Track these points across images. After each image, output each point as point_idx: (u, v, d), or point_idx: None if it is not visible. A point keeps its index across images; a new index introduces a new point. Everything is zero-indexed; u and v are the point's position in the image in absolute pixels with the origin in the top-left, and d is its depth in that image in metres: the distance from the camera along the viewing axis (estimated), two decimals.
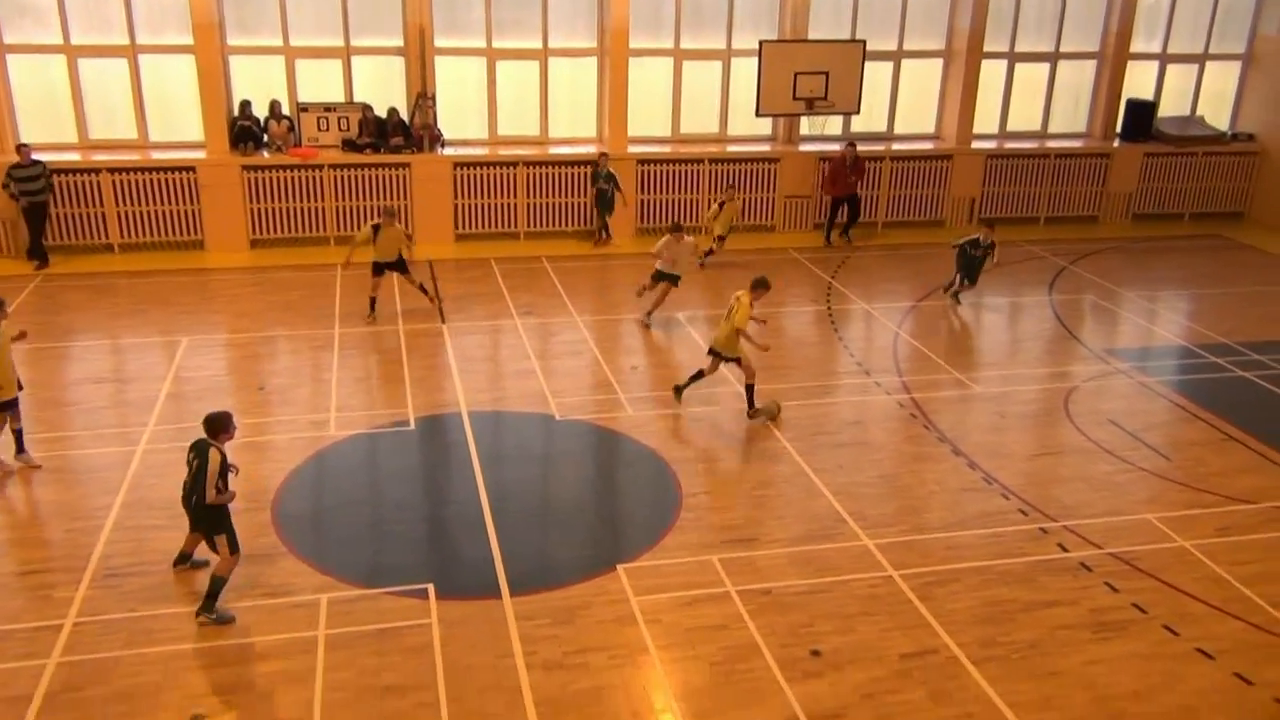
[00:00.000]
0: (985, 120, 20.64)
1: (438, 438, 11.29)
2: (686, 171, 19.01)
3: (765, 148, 19.79)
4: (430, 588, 8.49)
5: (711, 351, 11.89)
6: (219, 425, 7.99)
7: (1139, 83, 21.33)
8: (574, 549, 9.30)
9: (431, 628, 8.02)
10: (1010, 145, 20.71)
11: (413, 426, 11.43)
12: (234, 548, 8.10)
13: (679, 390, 12.03)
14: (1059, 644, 8.10)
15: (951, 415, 12.08)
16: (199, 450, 7.93)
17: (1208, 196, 21.40)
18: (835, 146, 19.81)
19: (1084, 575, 9.01)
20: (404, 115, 18.17)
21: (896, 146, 20.14)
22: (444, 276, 16.58)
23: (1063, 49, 20.87)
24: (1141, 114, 21.03)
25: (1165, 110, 21.54)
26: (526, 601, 8.38)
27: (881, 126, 20.61)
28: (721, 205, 17.35)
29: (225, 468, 7.90)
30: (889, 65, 20.19)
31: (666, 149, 19.30)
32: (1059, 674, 7.77)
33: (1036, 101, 21.18)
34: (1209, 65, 21.69)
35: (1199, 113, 21.81)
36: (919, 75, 20.47)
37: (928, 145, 20.45)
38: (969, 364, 13.75)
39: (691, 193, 19.11)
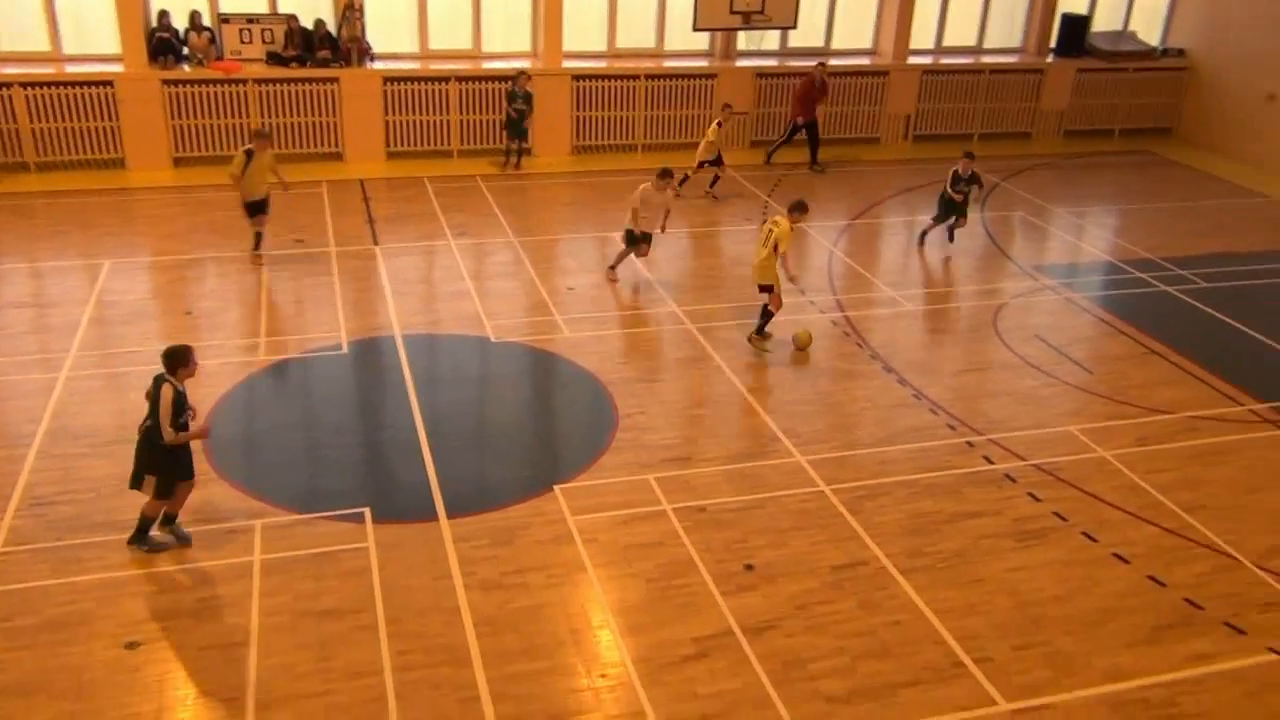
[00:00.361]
0: (922, 36, 20.54)
1: (371, 361, 11.18)
2: (622, 88, 18.69)
3: (703, 63, 19.52)
4: (367, 511, 8.49)
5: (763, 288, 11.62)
6: (177, 360, 7.58)
7: None
8: (511, 471, 9.34)
9: (369, 551, 8.04)
10: (946, 61, 20.68)
11: (345, 350, 11.29)
12: (161, 493, 7.76)
13: (757, 335, 11.72)
14: (983, 553, 8.37)
15: (883, 333, 12.24)
16: (154, 385, 7.58)
17: (1138, 113, 21.61)
18: (773, 62, 19.64)
19: (1008, 486, 9.28)
20: (331, 27, 17.58)
21: (833, 62, 19.97)
22: (376, 196, 16.25)
23: None
24: (1075, 29, 21.09)
25: (1099, 25, 21.60)
26: (464, 523, 8.43)
27: (819, 42, 20.42)
28: (719, 125, 16.49)
29: (181, 406, 7.56)
30: None
31: (603, 64, 18.94)
32: (982, 581, 8.04)
33: (973, 16, 21.10)
34: None
35: (1131, 27, 21.92)
36: None
37: (864, 61, 20.33)
38: (902, 281, 13.90)
39: (628, 109, 18.83)
